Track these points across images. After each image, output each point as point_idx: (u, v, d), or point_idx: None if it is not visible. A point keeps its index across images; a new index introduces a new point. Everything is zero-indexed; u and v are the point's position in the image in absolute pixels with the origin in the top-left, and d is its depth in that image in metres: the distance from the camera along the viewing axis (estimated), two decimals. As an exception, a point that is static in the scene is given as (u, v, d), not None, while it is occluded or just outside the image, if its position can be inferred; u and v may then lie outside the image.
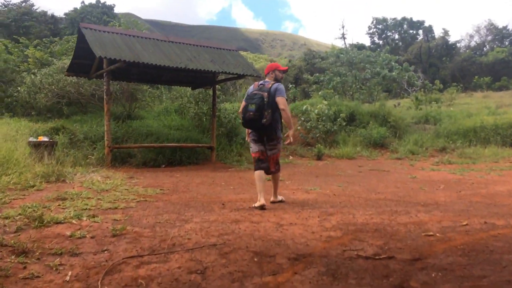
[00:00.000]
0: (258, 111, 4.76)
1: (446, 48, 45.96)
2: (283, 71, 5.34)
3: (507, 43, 47.54)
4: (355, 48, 26.28)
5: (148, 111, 15.47)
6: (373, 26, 53.53)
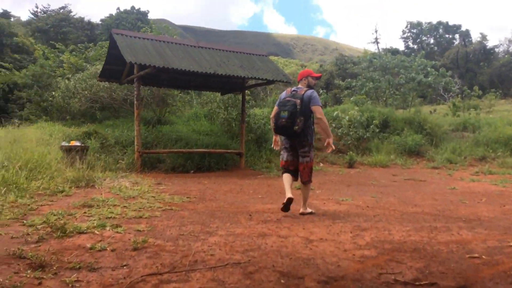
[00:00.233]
0: (291, 118, 4.74)
1: (484, 53, 44.25)
2: (316, 77, 5.28)
3: (549, 47, 45.38)
4: (388, 53, 25.61)
5: (178, 116, 15.53)
6: (407, 31, 52.25)
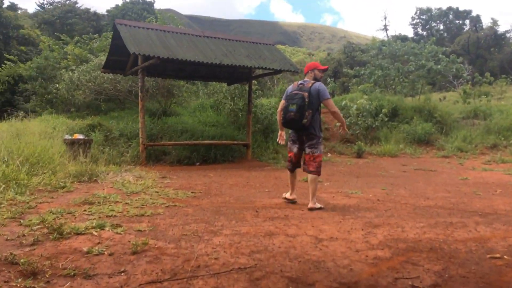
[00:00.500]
0: (299, 111, 4.78)
1: (495, 39, 43.42)
2: (323, 70, 5.24)
3: (561, 31, 44.38)
4: (398, 40, 25.08)
5: (184, 107, 15.34)
6: (416, 17, 51.45)
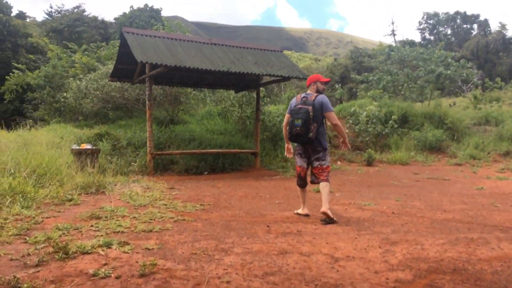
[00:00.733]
0: (305, 125, 4.81)
1: (503, 43, 43.01)
2: (325, 82, 5.29)
3: None
4: (407, 45, 24.89)
5: (191, 114, 15.26)
6: (423, 22, 51.20)
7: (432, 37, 50.42)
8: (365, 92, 21.07)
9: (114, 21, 46.79)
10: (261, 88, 12.07)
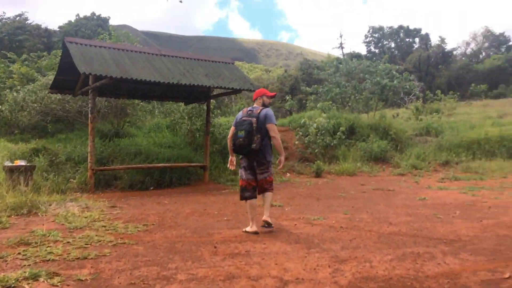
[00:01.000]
0: (248, 136, 4.88)
1: (443, 56, 45.67)
2: (271, 96, 5.45)
3: (503, 49, 47.27)
4: (354, 58, 25.69)
5: (138, 126, 14.75)
6: (369, 35, 53.26)
7: (377, 50, 52.56)
8: (315, 103, 21.42)
9: (58, 29, 44.86)
10: (212, 100, 11.88)
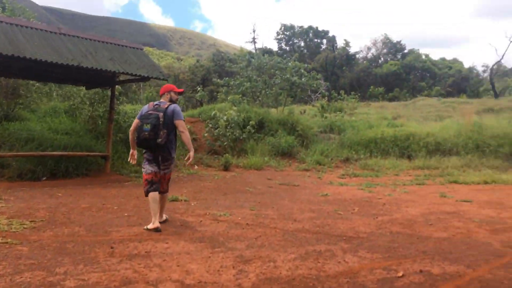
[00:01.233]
0: (153, 130, 4.80)
1: (347, 59, 48.48)
2: (179, 92, 5.41)
3: (399, 56, 51.57)
4: (266, 54, 26.05)
5: (33, 110, 13.40)
6: (281, 32, 54.53)
7: (288, 48, 54.09)
8: (226, 96, 21.36)
9: None
10: (117, 86, 11.18)
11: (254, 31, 59.62)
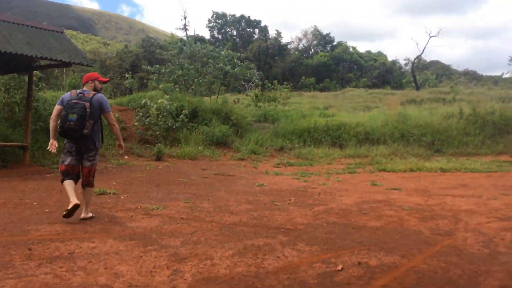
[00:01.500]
0: (80, 121, 4.61)
1: (279, 49, 49.01)
2: (104, 82, 5.24)
3: (328, 48, 53.13)
4: (198, 42, 25.47)
5: None
6: (213, 20, 53.77)
7: (220, 36, 53.48)
8: (157, 84, 20.59)
9: None
10: (36, 72, 10.27)
11: (185, 18, 58.00)
